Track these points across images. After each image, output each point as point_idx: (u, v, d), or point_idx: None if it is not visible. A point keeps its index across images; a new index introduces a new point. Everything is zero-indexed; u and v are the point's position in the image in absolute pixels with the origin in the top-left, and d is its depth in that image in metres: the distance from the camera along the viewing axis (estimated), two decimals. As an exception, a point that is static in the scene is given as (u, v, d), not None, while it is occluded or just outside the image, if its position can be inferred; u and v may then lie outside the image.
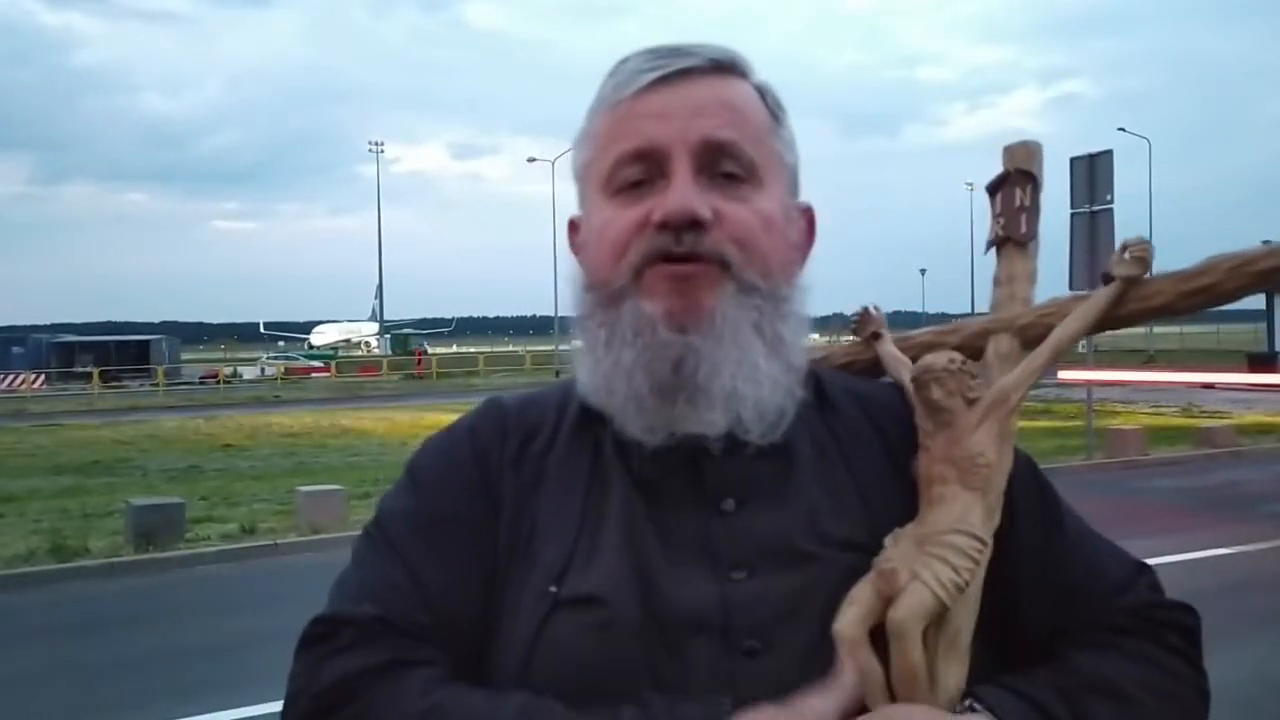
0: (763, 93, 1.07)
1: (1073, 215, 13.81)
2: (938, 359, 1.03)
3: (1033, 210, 1.15)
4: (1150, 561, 1.12)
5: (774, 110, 1.07)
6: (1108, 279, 1.07)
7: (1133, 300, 1.07)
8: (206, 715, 5.51)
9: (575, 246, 1.10)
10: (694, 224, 0.97)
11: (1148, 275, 1.06)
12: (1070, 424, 16.81)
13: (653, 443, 0.99)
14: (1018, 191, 1.16)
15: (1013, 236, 1.15)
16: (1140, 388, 25.47)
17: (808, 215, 1.12)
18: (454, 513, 1.03)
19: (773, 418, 1.00)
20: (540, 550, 1.00)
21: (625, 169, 1.01)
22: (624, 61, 1.04)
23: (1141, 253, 1.06)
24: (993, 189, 1.18)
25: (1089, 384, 15.30)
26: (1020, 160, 1.16)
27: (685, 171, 0.98)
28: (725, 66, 1.04)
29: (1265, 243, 1.09)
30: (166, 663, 6.51)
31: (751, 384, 0.98)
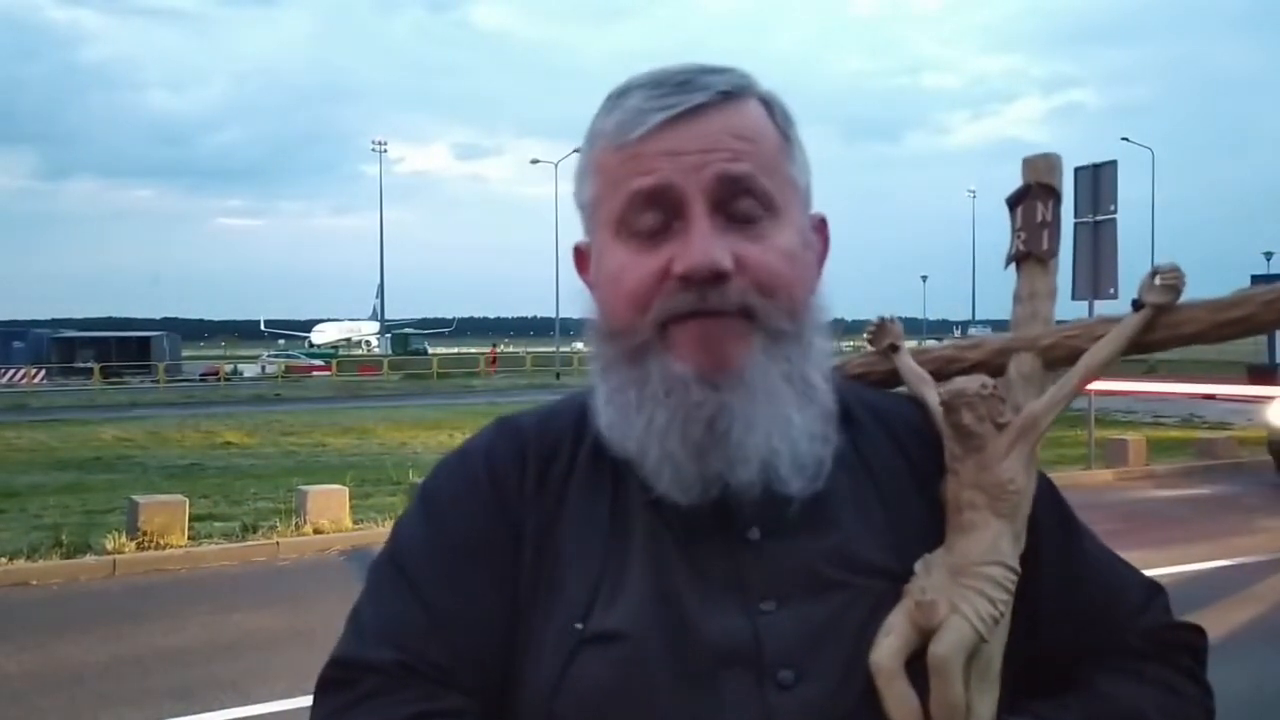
0: (770, 107, 1.00)
1: (1076, 225, 13.78)
2: (970, 383, 1.00)
3: (1054, 225, 1.13)
4: (1149, 573, 1.12)
5: (783, 127, 1.00)
6: (1138, 305, 1.05)
7: (1162, 327, 1.05)
8: (207, 714, 5.47)
9: (586, 280, 1.05)
10: (717, 277, 0.92)
11: (1178, 302, 1.05)
12: (1070, 433, 16.78)
13: (686, 501, 0.94)
14: (1039, 206, 1.13)
15: (1034, 252, 1.13)
16: (1141, 398, 25.43)
17: (821, 226, 1.06)
18: (472, 541, 0.98)
19: (811, 471, 0.96)
20: (564, 585, 0.96)
21: (640, 212, 0.95)
22: (625, 94, 0.97)
23: (1173, 280, 1.04)
24: (1013, 203, 1.15)
25: (1090, 393, 15.27)
26: (1042, 173, 1.14)
27: (702, 216, 0.93)
28: (733, 93, 0.97)
29: (1266, 255, 1.09)
30: (167, 661, 6.50)
31: (786, 440, 0.94)
